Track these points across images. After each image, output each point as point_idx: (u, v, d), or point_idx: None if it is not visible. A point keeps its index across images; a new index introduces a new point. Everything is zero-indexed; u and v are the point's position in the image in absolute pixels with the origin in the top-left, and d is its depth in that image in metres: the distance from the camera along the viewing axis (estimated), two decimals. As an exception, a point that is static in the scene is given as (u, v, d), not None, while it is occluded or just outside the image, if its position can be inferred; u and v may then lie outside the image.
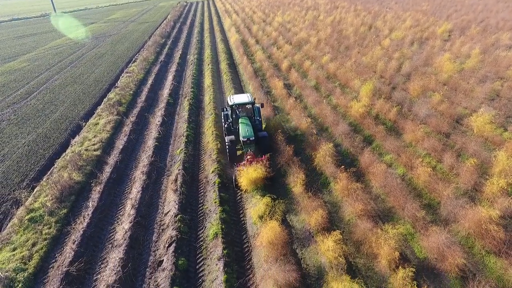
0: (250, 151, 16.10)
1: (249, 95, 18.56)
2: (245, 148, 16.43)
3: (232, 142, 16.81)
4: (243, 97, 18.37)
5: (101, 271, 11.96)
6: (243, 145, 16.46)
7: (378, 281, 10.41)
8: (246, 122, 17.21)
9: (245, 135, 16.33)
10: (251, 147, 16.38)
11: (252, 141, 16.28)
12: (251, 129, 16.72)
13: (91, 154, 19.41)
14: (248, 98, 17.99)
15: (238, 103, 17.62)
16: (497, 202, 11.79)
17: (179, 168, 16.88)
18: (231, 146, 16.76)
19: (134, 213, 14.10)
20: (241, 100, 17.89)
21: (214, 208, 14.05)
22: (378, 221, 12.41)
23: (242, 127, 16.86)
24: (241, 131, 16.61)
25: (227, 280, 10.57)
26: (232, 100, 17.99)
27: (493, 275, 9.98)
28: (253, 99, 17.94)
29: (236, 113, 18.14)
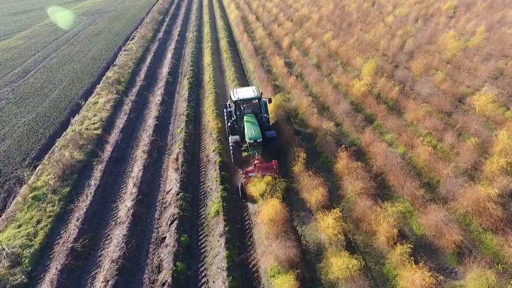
0: (258, 154, 14.40)
1: (255, 88, 16.62)
2: (252, 151, 14.75)
3: (236, 144, 15.06)
4: (248, 91, 16.32)
5: (106, 247, 12.23)
6: (249, 147, 14.83)
7: (376, 257, 10.65)
8: (252, 121, 15.37)
9: (252, 136, 14.60)
10: (258, 150, 14.69)
11: (259, 142, 14.58)
12: (258, 129, 14.91)
13: (92, 133, 19.39)
14: (253, 93, 16.01)
15: (242, 99, 15.71)
16: (496, 181, 11.87)
17: (180, 147, 16.91)
18: (236, 148, 15.08)
19: (136, 191, 14.26)
20: (246, 95, 15.92)
21: (215, 186, 14.18)
22: (378, 199, 12.56)
23: (248, 126, 15.08)
24: (247, 131, 14.86)
25: (229, 255, 10.82)
26: (236, 94, 16.01)
27: (489, 251, 10.20)
28: (260, 93, 16.08)
29: (241, 109, 16.14)
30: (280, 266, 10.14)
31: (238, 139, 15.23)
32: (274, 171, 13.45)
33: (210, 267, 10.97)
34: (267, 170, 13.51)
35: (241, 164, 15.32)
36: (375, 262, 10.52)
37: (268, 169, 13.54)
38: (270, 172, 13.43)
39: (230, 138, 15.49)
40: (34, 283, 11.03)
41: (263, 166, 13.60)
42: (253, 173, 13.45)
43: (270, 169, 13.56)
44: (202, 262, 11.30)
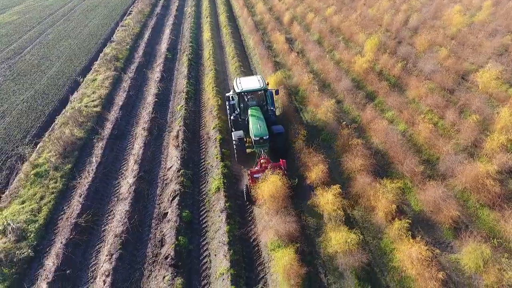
0: (264, 153, 13.12)
1: (260, 77, 15.16)
2: (257, 149, 13.39)
3: (240, 141, 13.69)
4: (252, 81, 14.84)
5: (109, 222, 12.46)
6: (255, 144, 13.43)
7: (375, 232, 10.87)
8: (257, 115, 13.97)
9: (258, 133, 13.19)
10: (264, 147, 13.31)
11: (265, 140, 13.23)
12: (264, 124, 13.53)
13: (91, 110, 19.28)
14: (259, 83, 14.56)
15: (247, 90, 14.21)
16: (496, 158, 11.92)
17: (180, 125, 16.86)
18: (240, 145, 13.74)
19: (137, 168, 14.35)
20: (250, 85, 14.43)
21: (216, 163, 14.26)
22: (377, 176, 12.65)
23: (253, 121, 13.68)
24: (252, 127, 13.51)
25: (229, 230, 11.04)
26: (239, 85, 14.55)
27: (485, 226, 10.39)
28: (266, 84, 14.60)
29: (245, 101, 14.80)
30: (280, 241, 10.37)
31: (242, 135, 13.83)
32: (282, 171, 12.18)
33: (211, 242, 11.22)
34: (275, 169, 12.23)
35: (245, 162, 14.14)
36: (373, 237, 10.75)
37: (276, 169, 12.23)
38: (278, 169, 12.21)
39: (233, 134, 14.06)
40: (40, 257, 11.32)
41: (270, 166, 12.37)
42: (259, 174, 12.16)
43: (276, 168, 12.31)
44: (203, 237, 11.54)
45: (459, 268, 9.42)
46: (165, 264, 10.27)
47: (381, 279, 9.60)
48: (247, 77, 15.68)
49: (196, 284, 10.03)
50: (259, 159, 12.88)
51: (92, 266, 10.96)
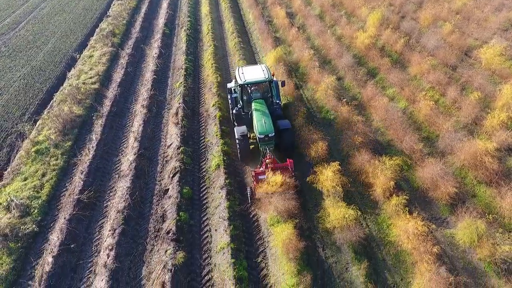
0: (269, 152, 12.07)
1: (265, 67, 14.04)
2: (262, 146, 12.36)
3: (243, 137, 12.65)
4: (256, 71, 13.69)
5: (110, 198, 12.64)
6: (259, 142, 12.44)
7: (372, 208, 11.06)
8: (262, 109, 12.90)
9: (262, 130, 12.16)
10: (269, 145, 12.31)
11: (271, 137, 12.22)
12: (269, 120, 12.44)
13: (89, 87, 19.07)
14: (263, 73, 13.45)
15: (250, 82, 13.17)
16: (495, 135, 11.93)
17: (180, 102, 16.75)
18: (243, 142, 12.71)
19: (137, 146, 14.39)
20: (254, 76, 13.32)
21: (216, 140, 14.28)
22: (376, 153, 12.71)
23: (257, 117, 12.60)
24: (257, 123, 12.44)
25: (229, 206, 11.23)
26: (242, 76, 13.40)
27: (481, 202, 10.56)
28: (271, 74, 13.55)
29: (248, 93, 13.72)
30: (279, 216, 10.57)
31: (245, 131, 12.81)
32: (289, 172, 11.47)
33: (212, 217, 11.43)
34: (281, 173, 11.30)
35: (248, 160, 13.25)
36: (371, 213, 10.95)
37: (282, 170, 11.45)
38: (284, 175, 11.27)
39: (235, 130, 13.02)
40: (44, 232, 11.56)
41: (276, 167, 11.51)
42: (265, 176, 11.24)
43: (284, 171, 11.45)
44: (204, 213, 11.75)
45: (454, 243, 9.66)
46: (167, 239, 10.51)
47: (377, 253, 9.87)
48: (250, 66, 14.50)
49: (198, 257, 10.32)
50: (264, 159, 11.86)
51: (95, 240, 11.23)
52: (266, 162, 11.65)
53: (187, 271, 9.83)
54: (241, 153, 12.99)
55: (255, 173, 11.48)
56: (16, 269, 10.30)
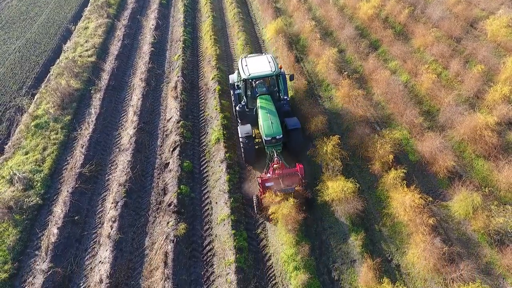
0: (276, 156, 10.81)
1: (271, 58, 12.58)
2: (269, 149, 11.25)
3: (248, 139, 11.48)
4: (262, 63, 12.34)
5: (112, 172, 12.78)
6: (265, 144, 11.29)
7: (371, 181, 11.20)
8: (268, 106, 11.58)
9: (269, 132, 10.95)
10: (277, 147, 11.17)
11: (279, 139, 11.07)
12: (277, 120, 11.20)
13: (86, 60, 18.73)
14: (270, 66, 12.11)
15: (256, 76, 11.89)
16: (496, 109, 11.86)
17: (178, 75, 16.51)
18: (248, 143, 11.51)
19: (137, 120, 14.35)
20: (259, 69, 12.01)
21: (215, 114, 14.23)
22: (376, 127, 12.70)
23: (263, 116, 11.33)
24: (263, 124, 11.17)
25: (230, 179, 11.37)
26: (245, 69, 12.12)
27: (478, 176, 10.68)
28: (278, 67, 12.19)
29: (253, 87, 12.38)
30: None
31: (249, 131, 11.65)
32: (299, 180, 10.24)
33: (212, 190, 11.61)
34: (290, 179, 10.21)
35: (253, 161, 12.11)
36: (369, 186, 11.10)
37: (291, 177, 10.25)
38: (294, 182, 10.19)
39: (239, 130, 11.96)
40: (48, 204, 11.79)
41: (285, 172, 10.32)
42: (272, 183, 10.20)
43: (293, 178, 10.25)
44: (204, 186, 11.92)
45: (449, 215, 9.87)
46: (169, 211, 10.74)
47: (374, 225, 10.11)
48: (255, 56, 13.07)
49: (199, 228, 10.59)
50: (271, 164, 10.68)
51: (98, 212, 11.47)
52: (274, 167, 10.40)
53: (188, 241, 10.12)
54: (245, 155, 11.86)
55: (262, 180, 10.24)
56: (23, 240, 10.60)
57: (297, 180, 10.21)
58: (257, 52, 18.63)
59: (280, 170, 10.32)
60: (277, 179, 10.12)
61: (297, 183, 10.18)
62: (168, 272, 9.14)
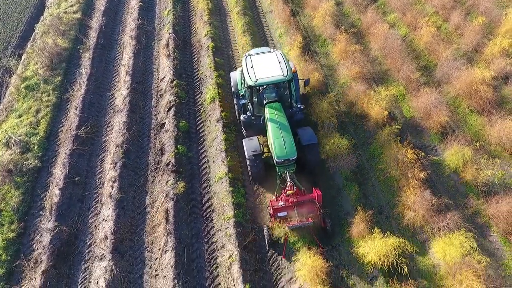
0: (290, 180, 9.13)
1: (281, 56, 10.47)
2: (280, 170, 9.58)
3: (256, 158, 9.81)
4: (271, 64, 10.22)
5: (108, 133, 12.80)
6: (277, 165, 9.60)
7: (365, 138, 11.36)
8: (279, 119, 9.68)
9: (282, 154, 9.23)
10: (290, 168, 9.45)
11: (292, 160, 9.38)
12: (290, 137, 9.42)
13: (72, 17, 17.84)
14: (281, 69, 10.00)
15: (264, 82, 9.87)
16: (494, 63, 11.71)
17: (170, 32, 15.89)
18: (256, 163, 9.86)
19: (129, 80, 14.07)
20: (269, 74, 9.94)
21: (210, 73, 13.95)
22: (372, 83, 12.60)
23: (274, 132, 9.49)
24: (273, 143, 9.39)
25: (226, 138, 11.47)
26: (251, 71, 10.08)
27: (470, 130, 10.83)
28: (291, 71, 10.13)
29: (260, 94, 10.46)
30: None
31: (257, 148, 9.92)
32: (316, 209, 8.83)
33: (209, 149, 11.76)
34: (306, 208, 8.80)
35: (262, 180, 10.51)
36: (363, 142, 11.28)
37: (307, 205, 8.83)
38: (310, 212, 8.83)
39: (245, 146, 10.19)
40: (47, 166, 11.93)
41: (300, 199, 8.85)
42: (285, 212, 8.87)
43: (310, 206, 8.83)
44: (201, 145, 12.05)
45: (440, 169, 10.18)
46: (167, 170, 10.96)
47: (367, 179, 10.44)
48: (261, 53, 10.79)
49: (197, 186, 10.89)
50: (284, 190, 9.11)
51: (98, 173, 11.68)
52: (287, 193, 8.91)
53: (188, 199, 10.46)
54: (253, 175, 10.23)
55: (273, 209, 8.86)
56: (26, 201, 10.89)
57: (314, 209, 8.76)
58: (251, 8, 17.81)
59: (295, 197, 8.82)
60: (291, 207, 8.70)
61: (314, 213, 8.76)
62: (170, 227, 9.56)
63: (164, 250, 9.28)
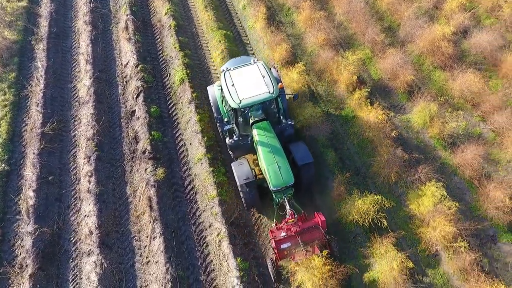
0: (290, 207, 8.39)
1: (263, 67, 9.37)
2: (278, 197, 8.70)
3: (249, 186, 8.87)
4: (254, 79, 9.13)
5: (77, 127, 12.29)
6: (273, 193, 8.71)
7: (337, 103, 11.58)
8: (270, 142, 8.78)
9: (279, 182, 8.39)
10: (287, 193, 8.61)
11: (290, 186, 8.55)
12: (285, 163, 8.57)
13: (16, 6, 16.43)
14: (266, 86, 8.91)
15: (249, 103, 8.80)
16: (453, 19, 12.06)
17: (127, 14, 15.06)
18: (249, 191, 8.97)
19: (91, 69, 13.39)
20: (253, 92, 8.85)
21: (175, 53, 13.49)
22: (340, 49, 12.68)
23: (267, 158, 8.61)
24: (267, 170, 8.51)
25: (200, 119, 11.34)
26: (233, 91, 8.94)
27: (435, 86, 11.28)
28: (278, 87, 8.93)
29: (245, 115, 9.64)
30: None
31: (249, 175, 8.88)
32: (321, 235, 8.12)
33: (184, 132, 11.62)
34: (310, 235, 8.11)
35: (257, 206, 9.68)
36: (336, 108, 11.50)
37: (311, 232, 8.14)
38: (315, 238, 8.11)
39: (234, 170, 9.13)
40: (16, 169, 11.38)
41: (303, 227, 8.18)
42: (289, 243, 8.09)
43: (314, 233, 8.14)
44: (176, 129, 11.87)
45: (409, 126, 10.64)
46: (144, 158, 10.78)
47: (342, 144, 10.74)
48: (241, 66, 9.58)
49: (177, 170, 10.84)
50: (285, 220, 8.30)
51: (72, 170, 11.31)
52: (288, 222, 8.20)
53: (169, 184, 10.42)
54: (247, 204, 9.42)
55: (275, 241, 8.06)
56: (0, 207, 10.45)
57: (319, 235, 8.10)
58: None
59: (297, 225, 8.12)
60: (294, 237, 8.03)
61: (319, 240, 8.09)
62: (155, 214, 9.56)
63: (152, 237, 9.32)
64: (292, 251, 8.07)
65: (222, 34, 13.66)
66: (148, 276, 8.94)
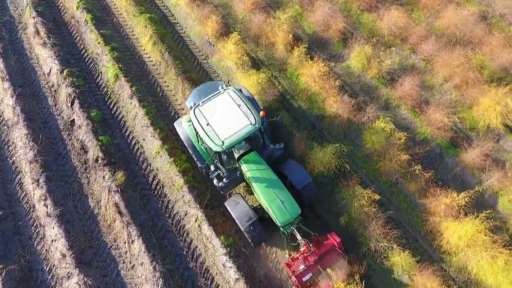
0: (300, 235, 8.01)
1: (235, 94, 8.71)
2: (286, 229, 8.21)
3: (253, 226, 8.20)
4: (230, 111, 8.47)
5: (13, 153, 11.18)
6: (280, 227, 8.23)
7: (280, 65, 11.65)
8: (264, 175, 8.24)
9: (286, 219, 7.92)
10: (295, 222, 8.14)
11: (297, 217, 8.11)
12: (287, 195, 8.08)
13: None
14: (246, 117, 8.30)
15: (233, 143, 8.13)
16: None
17: (33, 16, 13.51)
18: (255, 231, 8.31)
19: (9, 86, 12.08)
20: (234, 129, 8.19)
21: (101, 49, 12.52)
22: (270, 10, 12.56)
23: (266, 195, 8.09)
24: (271, 208, 7.97)
25: (147, 112, 10.87)
26: (211, 131, 8.25)
27: (366, 29, 11.73)
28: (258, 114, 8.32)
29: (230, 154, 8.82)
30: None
31: (251, 215, 8.21)
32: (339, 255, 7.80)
33: (134, 129, 11.10)
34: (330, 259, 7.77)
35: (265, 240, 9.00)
36: (279, 70, 11.59)
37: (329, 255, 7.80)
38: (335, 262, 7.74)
39: (232, 213, 8.42)
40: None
41: (319, 253, 7.80)
42: (310, 274, 7.68)
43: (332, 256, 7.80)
44: (124, 128, 11.30)
45: (350, 72, 11.09)
46: (99, 166, 10.22)
47: (293, 103, 10.97)
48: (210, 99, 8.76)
49: (137, 169, 10.46)
50: (300, 253, 7.85)
51: (23, 198, 10.41)
52: (304, 253, 7.79)
53: (133, 185, 10.08)
54: (253, 242, 8.73)
55: (296, 276, 7.61)
56: (-50, 258, 9.45)
57: (337, 257, 7.78)
58: None
59: (314, 254, 7.77)
60: (314, 266, 7.70)
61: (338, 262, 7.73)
62: (126, 219, 9.27)
63: (130, 241, 9.09)
64: (316, 280, 7.78)
65: (146, 18, 12.87)
66: (137, 280, 8.81)
